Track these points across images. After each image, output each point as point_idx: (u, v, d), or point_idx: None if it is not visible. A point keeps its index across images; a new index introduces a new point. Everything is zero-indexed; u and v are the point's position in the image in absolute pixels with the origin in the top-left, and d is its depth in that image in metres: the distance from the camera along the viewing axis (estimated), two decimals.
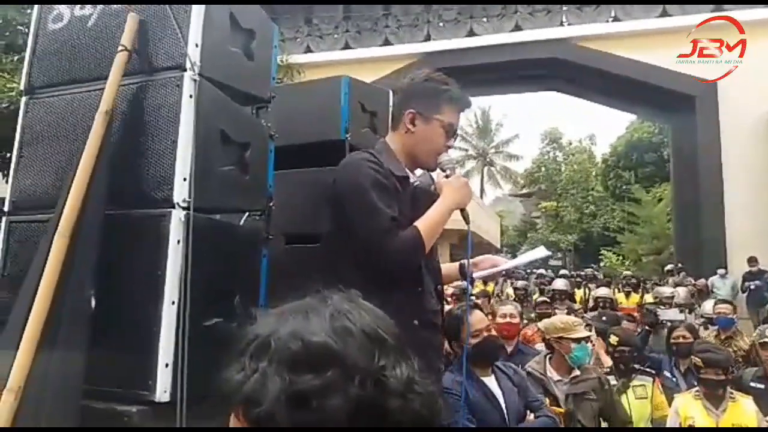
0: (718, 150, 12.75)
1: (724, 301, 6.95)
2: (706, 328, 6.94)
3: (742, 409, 3.76)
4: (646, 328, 6.16)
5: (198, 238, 1.88)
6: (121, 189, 1.95)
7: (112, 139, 1.91)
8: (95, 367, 1.72)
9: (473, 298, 6.01)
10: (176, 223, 1.86)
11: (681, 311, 7.60)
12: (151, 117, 1.98)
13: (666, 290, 8.89)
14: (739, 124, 12.56)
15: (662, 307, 7.82)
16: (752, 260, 11.40)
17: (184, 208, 1.87)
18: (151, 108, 1.99)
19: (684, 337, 4.94)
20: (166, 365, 1.80)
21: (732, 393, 3.84)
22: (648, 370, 4.40)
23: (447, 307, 2.78)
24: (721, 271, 11.69)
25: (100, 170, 1.81)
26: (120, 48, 1.95)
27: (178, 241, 1.86)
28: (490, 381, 3.25)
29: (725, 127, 12.71)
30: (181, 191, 1.88)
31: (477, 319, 3.26)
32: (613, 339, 4.32)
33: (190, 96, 1.95)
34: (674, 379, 4.83)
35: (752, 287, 11.14)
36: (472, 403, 3.02)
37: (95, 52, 2.14)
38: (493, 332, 3.43)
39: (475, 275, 2.42)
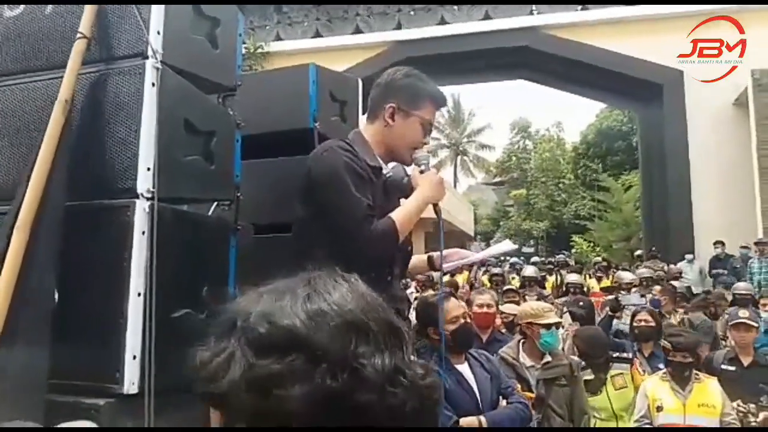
0: (684, 137, 12.97)
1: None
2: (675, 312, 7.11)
3: (708, 389, 3.87)
4: (609, 313, 6.27)
5: (163, 228, 1.85)
6: (83, 180, 1.91)
7: (72, 128, 1.87)
8: (61, 361, 1.69)
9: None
10: (140, 213, 1.83)
11: (642, 296, 7.78)
12: (113, 106, 1.94)
13: (627, 275, 9.07)
14: (706, 112, 12.79)
15: (623, 292, 8.00)
16: (718, 244, 11.66)
17: (148, 199, 1.85)
18: (113, 97, 1.95)
19: (646, 321, 5.02)
20: (134, 357, 1.78)
21: (698, 374, 3.95)
22: (624, 356, 4.45)
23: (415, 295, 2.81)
24: (688, 256, 11.93)
25: (59, 161, 1.76)
26: (78, 35, 1.90)
27: (143, 232, 1.83)
28: (464, 368, 3.28)
29: (692, 115, 12.93)
30: (144, 181, 1.85)
31: (453, 305, 3.28)
32: (581, 345, 4.35)
33: (153, 84, 1.91)
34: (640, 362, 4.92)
35: (718, 272, 11.41)
36: (446, 390, 3.05)
37: (53, 39, 2.09)
38: (469, 320, 3.46)
39: (444, 266, 2.45)
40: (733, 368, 4.37)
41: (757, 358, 4.53)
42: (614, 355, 4.37)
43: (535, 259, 16.74)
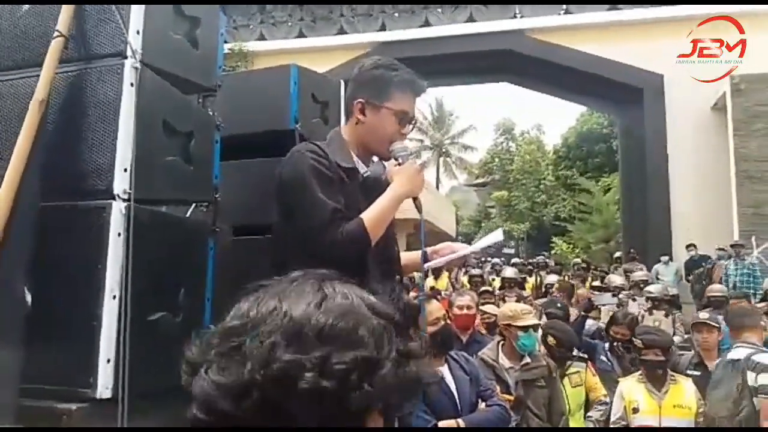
0: (664, 141, 13.12)
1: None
2: (651, 313, 7.21)
3: (683, 390, 3.91)
4: (582, 313, 6.32)
5: (140, 230, 1.83)
6: (59, 180, 1.88)
7: (48, 128, 1.84)
8: (34, 365, 1.67)
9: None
10: (117, 215, 1.81)
11: (614, 295, 7.88)
12: (90, 106, 1.92)
13: (617, 279, 9.21)
14: (685, 117, 12.94)
15: (596, 292, 8.10)
16: (690, 247, 11.81)
17: (124, 200, 1.83)
18: (90, 96, 1.93)
19: (622, 333, 5.03)
20: (108, 361, 1.76)
21: (673, 375, 3.99)
22: (582, 355, 4.48)
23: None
24: (664, 258, 12.08)
25: (34, 161, 1.74)
26: (56, 34, 1.87)
27: (119, 234, 1.81)
28: (444, 370, 3.28)
29: (671, 119, 13.08)
30: (121, 182, 1.83)
31: (435, 307, 3.30)
32: (551, 340, 4.35)
33: (131, 84, 1.89)
34: (609, 363, 4.97)
35: (696, 274, 11.57)
36: (424, 393, 3.05)
37: (29, 37, 2.06)
38: (449, 322, 3.47)
39: (434, 262, 2.41)
40: (698, 373, 4.35)
41: None
42: (573, 354, 4.39)
43: (515, 260, 16.81)
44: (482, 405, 3.33)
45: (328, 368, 0.61)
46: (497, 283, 10.21)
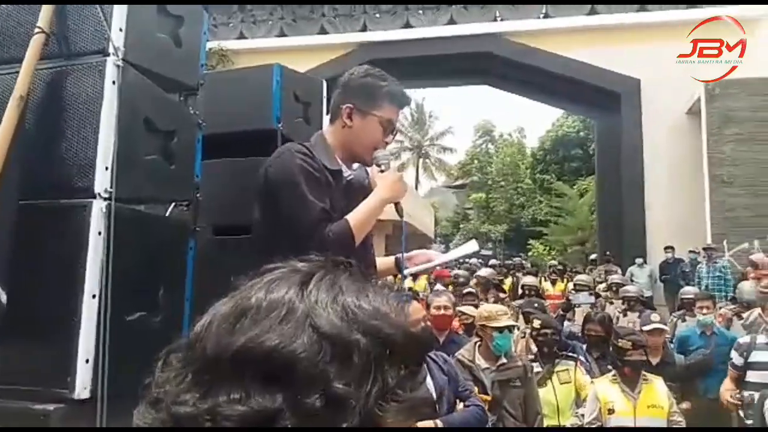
0: (640, 145, 13.29)
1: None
2: (625, 315, 7.32)
3: (656, 390, 3.97)
4: (560, 312, 6.41)
5: (121, 229, 1.82)
6: (39, 178, 1.86)
7: (28, 126, 1.82)
8: (10, 365, 1.65)
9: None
10: (97, 213, 1.80)
11: (590, 294, 8.01)
12: (72, 103, 1.90)
13: (583, 277, 9.39)
14: (661, 121, 13.12)
15: (573, 291, 8.22)
16: (668, 249, 12.01)
17: (105, 198, 1.81)
18: (72, 94, 1.91)
19: (596, 330, 5.14)
20: (86, 361, 1.74)
21: (645, 375, 4.04)
22: (571, 354, 4.56)
23: None
24: (638, 260, 12.26)
25: (13, 158, 1.71)
26: (36, 30, 1.85)
27: (100, 233, 1.79)
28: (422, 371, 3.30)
29: (648, 123, 13.26)
30: (102, 181, 1.82)
31: (414, 308, 3.31)
32: (537, 323, 4.45)
33: (113, 82, 1.88)
34: (588, 364, 5.04)
35: (668, 276, 11.77)
36: None
37: (9, 33, 2.03)
38: (428, 323, 3.49)
39: (409, 270, 2.44)
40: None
41: (666, 357, 4.86)
42: (561, 352, 4.47)
43: (493, 261, 16.93)
44: (460, 405, 3.36)
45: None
46: (473, 282, 10.25)
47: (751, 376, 4.14)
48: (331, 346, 0.51)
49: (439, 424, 3.16)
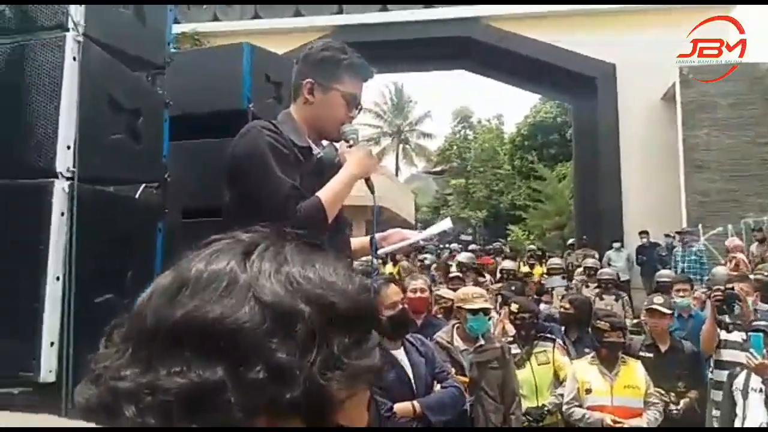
0: (616, 130, 13.39)
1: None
2: (602, 299, 7.42)
3: (633, 371, 4.04)
4: (535, 296, 6.47)
5: (85, 210, 1.78)
6: None
7: None
8: None
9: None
10: (59, 193, 1.75)
11: (563, 277, 8.10)
12: (31, 80, 1.85)
13: (555, 261, 9.50)
14: (637, 106, 13.22)
15: (546, 275, 8.32)
16: (643, 233, 12.16)
17: (68, 178, 1.77)
18: (31, 70, 1.85)
19: (564, 308, 5.19)
20: (51, 344, 1.70)
21: (623, 357, 4.10)
22: (549, 335, 4.60)
23: None
24: (616, 244, 12.41)
25: None
26: None
27: (62, 213, 1.75)
28: (399, 353, 3.29)
29: (623, 108, 13.35)
30: (64, 160, 1.77)
31: (392, 291, 3.29)
32: (514, 306, 4.49)
33: (74, 58, 1.82)
34: (566, 347, 5.08)
35: (644, 259, 11.92)
36: (380, 375, 3.05)
37: None
38: (406, 306, 3.48)
39: (384, 250, 2.41)
40: (650, 355, 4.51)
41: (674, 344, 4.66)
42: (539, 334, 4.51)
43: (473, 246, 17.02)
44: (437, 387, 3.36)
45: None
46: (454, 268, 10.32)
47: (725, 354, 4.20)
48: (274, 316, 0.50)
49: (417, 405, 3.16)
